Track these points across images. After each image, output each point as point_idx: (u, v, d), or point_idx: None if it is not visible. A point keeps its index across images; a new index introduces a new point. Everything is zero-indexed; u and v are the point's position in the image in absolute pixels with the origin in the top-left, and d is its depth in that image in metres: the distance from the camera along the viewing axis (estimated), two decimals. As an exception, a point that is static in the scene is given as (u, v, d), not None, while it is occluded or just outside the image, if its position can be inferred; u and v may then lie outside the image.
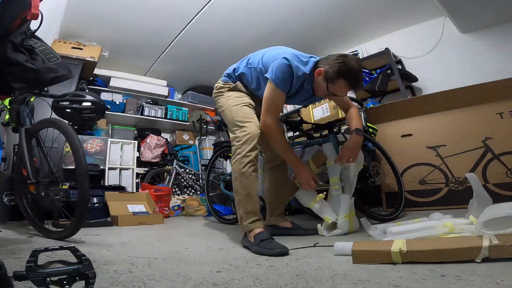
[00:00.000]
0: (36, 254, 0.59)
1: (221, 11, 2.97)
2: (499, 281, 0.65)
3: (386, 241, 0.95)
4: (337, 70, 1.35)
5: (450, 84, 2.45)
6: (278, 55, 1.40)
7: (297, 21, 3.20)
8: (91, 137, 3.34)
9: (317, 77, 1.42)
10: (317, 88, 1.46)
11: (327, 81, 1.39)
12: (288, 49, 1.49)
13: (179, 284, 0.75)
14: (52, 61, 1.40)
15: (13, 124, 1.70)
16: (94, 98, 1.60)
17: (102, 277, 0.79)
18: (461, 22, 2.86)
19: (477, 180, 1.16)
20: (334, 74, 1.36)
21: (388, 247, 0.87)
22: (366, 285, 0.70)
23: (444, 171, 2.19)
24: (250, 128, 1.37)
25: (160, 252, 1.19)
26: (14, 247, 1.21)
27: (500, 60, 2.66)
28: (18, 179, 1.67)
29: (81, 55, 3.17)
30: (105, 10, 2.88)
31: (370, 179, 1.99)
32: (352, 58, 1.42)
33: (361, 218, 1.44)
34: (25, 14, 1.19)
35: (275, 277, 0.79)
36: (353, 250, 0.93)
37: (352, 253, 0.93)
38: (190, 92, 4.49)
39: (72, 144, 1.36)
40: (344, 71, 1.35)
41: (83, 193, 1.32)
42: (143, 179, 3.66)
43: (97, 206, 2.40)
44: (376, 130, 2.41)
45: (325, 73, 1.38)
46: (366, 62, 3.28)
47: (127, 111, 3.88)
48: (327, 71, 1.38)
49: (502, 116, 2.05)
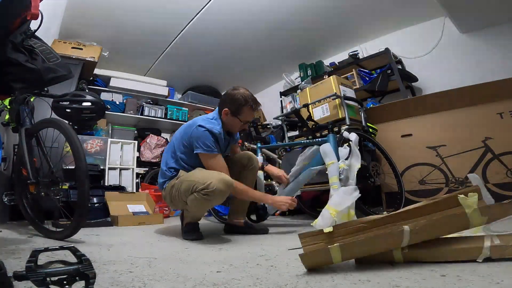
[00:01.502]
0: (36, 254, 0.59)
1: (221, 11, 2.97)
2: (499, 281, 0.65)
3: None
4: (237, 102, 1.59)
5: (450, 84, 2.46)
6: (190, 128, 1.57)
7: (297, 21, 3.20)
8: (91, 137, 3.34)
9: (225, 117, 1.62)
10: (231, 126, 1.66)
11: (235, 115, 1.62)
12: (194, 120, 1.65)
13: (179, 284, 0.75)
14: (52, 61, 1.40)
15: (13, 124, 1.70)
16: (94, 98, 1.60)
17: (102, 277, 0.79)
18: (461, 22, 2.86)
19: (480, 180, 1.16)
20: (236, 106, 1.60)
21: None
22: (366, 285, 0.70)
23: (444, 171, 2.19)
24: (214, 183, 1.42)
25: (160, 252, 1.19)
26: (14, 247, 1.21)
27: (500, 60, 2.66)
28: (18, 179, 1.67)
29: (81, 55, 3.17)
30: (105, 10, 2.88)
31: (370, 179, 1.99)
32: (237, 87, 1.66)
33: None
34: (25, 14, 1.19)
35: (275, 277, 0.79)
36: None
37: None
38: (190, 92, 4.49)
39: (72, 144, 1.36)
40: (240, 100, 1.59)
41: (83, 193, 1.32)
42: (143, 179, 3.66)
43: (97, 206, 2.40)
44: (376, 130, 2.41)
45: (229, 110, 1.61)
46: (366, 62, 3.28)
47: (127, 111, 3.88)
48: (230, 108, 1.61)
49: (502, 116, 2.05)
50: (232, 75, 4.37)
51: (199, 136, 1.52)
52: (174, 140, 1.68)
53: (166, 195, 1.63)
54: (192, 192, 1.43)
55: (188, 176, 1.51)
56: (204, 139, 1.51)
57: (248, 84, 4.57)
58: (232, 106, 1.60)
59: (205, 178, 1.41)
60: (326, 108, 2.45)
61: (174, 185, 1.55)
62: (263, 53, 3.80)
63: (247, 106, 1.61)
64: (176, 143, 1.64)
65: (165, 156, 1.70)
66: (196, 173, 1.51)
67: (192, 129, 1.55)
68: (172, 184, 1.57)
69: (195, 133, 1.53)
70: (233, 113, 1.61)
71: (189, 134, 1.56)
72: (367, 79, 3.17)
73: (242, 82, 4.58)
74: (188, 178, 1.50)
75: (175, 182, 1.55)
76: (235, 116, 1.62)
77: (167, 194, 1.61)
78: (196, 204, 1.44)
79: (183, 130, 1.65)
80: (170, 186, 1.58)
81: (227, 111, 1.61)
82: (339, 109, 2.36)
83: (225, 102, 1.63)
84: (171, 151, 1.65)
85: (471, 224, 0.82)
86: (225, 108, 1.62)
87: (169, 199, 1.61)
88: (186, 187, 1.46)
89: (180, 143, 1.61)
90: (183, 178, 1.52)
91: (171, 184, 1.57)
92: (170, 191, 1.57)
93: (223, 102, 1.65)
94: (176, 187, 1.53)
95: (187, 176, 1.51)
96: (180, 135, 1.64)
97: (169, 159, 1.65)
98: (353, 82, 3.13)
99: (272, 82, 4.50)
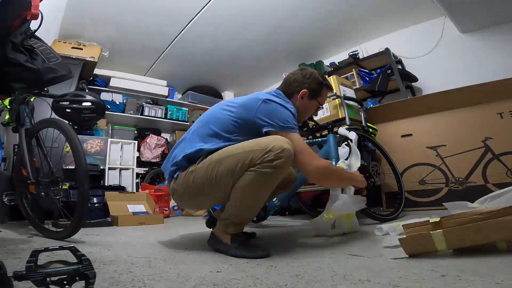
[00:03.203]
0: (36, 254, 0.59)
1: (221, 12, 2.97)
2: (499, 281, 0.65)
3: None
4: (318, 82, 1.34)
5: (450, 84, 2.46)
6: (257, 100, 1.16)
7: (296, 21, 3.20)
8: (91, 137, 3.34)
9: (300, 102, 1.32)
10: (304, 112, 1.37)
11: (314, 97, 1.35)
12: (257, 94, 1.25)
13: (179, 284, 0.75)
14: (52, 61, 1.40)
15: (13, 124, 1.70)
16: (94, 98, 1.60)
17: (102, 277, 0.79)
18: (461, 22, 2.86)
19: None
20: (317, 87, 1.34)
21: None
22: (366, 285, 0.70)
23: (444, 171, 2.20)
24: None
25: (160, 252, 1.19)
26: (14, 247, 1.21)
27: (500, 60, 2.66)
28: (18, 179, 1.67)
29: (81, 55, 3.17)
30: (105, 10, 2.88)
31: (370, 179, 1.99)
32: (308, 67, 1.42)
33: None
34: (25, 14, 1.19)
35: (275, 277, 0.79)
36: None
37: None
38: (190, 92, 4.49)
39: (72, 144, 1.36)
40: (320, 80, 1.35)
41: (83, 193, 1.32)
42: (143, 179, 3.66)
43: (97, 206, 2.40)
44: (376, 130, 2.41)
45: (308, 91, 1.32)
46: (366, 62, 3.29)
47: (127, 111, 3.88)
48: (309, 89, 1.32)
49: (502, 116, 2.05)
50: (232, 75, 4.37)
51: (273, 110, 1.13)
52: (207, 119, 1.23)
53: (177, 188, 1.17)
54: (247, 169, 1.02)
55: (231, 151, 1.06)
56: (281, 114, 1.14)
57: (248, 84, 4.63)
58: (311, 87, 1.32)
59: (263, 144, 1.02)
60: (326, 108, 2.45)
61: (195, 170, 1.10)
62: (263, 53, 3.80)
63: (326, 85, 1.37)
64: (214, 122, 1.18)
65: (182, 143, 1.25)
66: (242, 144, 1.08)
67: (258, 102, 1.14)
68: (192, 169, 1.12)
69: (264, 107, 1.14)
70: (311, 95, 1.33)
71: (253, 108, 1.14)
72: (367, 79, 3.17)
73: (242, 82, 4.61)
74: (231, 152, 1.06)
75: (197, 167, 1.10)
76: (313, 98, 1.34)
77: (180, 186, 1.15)
78: (257, 186, 1.03)
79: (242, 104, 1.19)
80: (187, 173, 1.13)
81: (305, 92, 1.31)
82: (339, 109, 2.36)
83: (303, 82, 1.32)
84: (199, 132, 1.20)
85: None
86: (303, 89, 1.31)
87: (183, 193, 1.16)
88: (230, 165, 1.03)
89: (227, 121, 1.16)
90: (218, 156, 1.07)
91: (190, 170, 1.12)
92: (186, 180, 1.12)
93: (299, 83, 1.32)
94: (202, 172, 1.08)
95: (228, 152, 1.07)
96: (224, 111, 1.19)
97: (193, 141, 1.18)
98: (353, 82, 3.13)
99: (272, 82, 4.51)
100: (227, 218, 1.14)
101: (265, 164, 1.00)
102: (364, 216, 1.76)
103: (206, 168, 1.08)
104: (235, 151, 1.05)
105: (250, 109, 1.15)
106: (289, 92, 1.32)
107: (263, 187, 1.07)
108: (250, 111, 1.14)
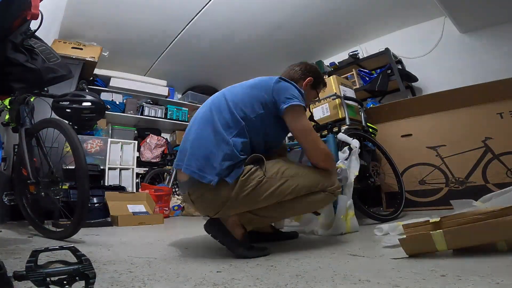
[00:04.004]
0: (36, 254, 0.59)
1: (221, 11, 2.97)
2: (499, 281, 0.65)
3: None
4: (319, 75, 1.42)
5: (450, 84, 2.46)
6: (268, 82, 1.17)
7: (296, 21, 3.20)
8: (91, 137, 3.34)
9: (305, 88, 1.37)
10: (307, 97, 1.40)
11: (315, 87, 1.43)
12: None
13: (179, 284, 0.75)
14: (52, 61, 1.40)
15: (13, 124, 1.70)
16: (94, 98, 1.60)
17: (102, 277, 0.79)
18: (461, 22, 2.86)
19: None
20: (318, 79, 1.42)
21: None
22: (366, 285, 0.70)
23: (444, 171, 2.20)
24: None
25: (160, 252, 1.19)
26: (14, 247, 1.21)
27: (500, 60, 2.66)
28: (18, 179, 1.67)
29: (81, 55, 3.17)
30: (105, 10, 2.88)
31: (370, 179, 1.99)
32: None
33: None
34: (25, 14, 1.19)
35: (275, 277, 0.79)
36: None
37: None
38: (190, 92, 4.49)
39: (72, 144, 1.36)
40: (320, 74, 1.44)
41: (83, 193, 1.32)
42: (143, 179, 3.66)
43: (97, 206, 2.40)
44: (376, 130, 2.41)
45: (313, 80, 1.39)
46: (366, 62, 3.29)
47: (127, 111, 3.88)
48: (313, 78, 1.39)
49: (502, 116, 2.05)
50: (232, 75, 4.35)
51: (288, 87, 1.15)
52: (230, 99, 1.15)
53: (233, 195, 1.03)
54: (316, 192, 1.13)
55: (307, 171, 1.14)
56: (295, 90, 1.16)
57: (248, 84, 4.62)
58: (315, 77, 1.40)
59: (328, 175, 1.17)
60: (326, 108, 2.45)
61: (263, 180, 1.04)
62: (263, 53, 3.80)
63: (323, 81, 1.47)
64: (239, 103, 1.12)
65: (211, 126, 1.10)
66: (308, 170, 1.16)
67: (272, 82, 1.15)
68: (258, 178, 1.04)
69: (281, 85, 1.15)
70: (313, 85, 1.41)
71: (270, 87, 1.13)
72: (367, 79, 3.17)
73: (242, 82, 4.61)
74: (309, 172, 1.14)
75: (267, 177, 1.05)
76: (314, 89, 1.42)
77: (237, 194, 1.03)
78: (318, 205, 1.20)
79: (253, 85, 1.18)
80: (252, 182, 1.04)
81: (310, 80, 1.38)
82: (339, 109, 2.36)
83: (309, 71, 1.40)
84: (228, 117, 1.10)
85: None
86: (309, 77, 1.38)
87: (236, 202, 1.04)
88: (310, 185, 1.10)
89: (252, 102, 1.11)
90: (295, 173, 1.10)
91: (255, 179, 1.04)
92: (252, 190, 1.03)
93: (306, 70, 1.40)
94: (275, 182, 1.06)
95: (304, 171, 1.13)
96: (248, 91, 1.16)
97: (226, 129, 1.08)
98: (353, 82, 3.13)
99: (272, 82, 4.51)
100: (259, 215, 1.11)
101: (332, 194, 1.18)
102: (364, 216, 1.77)
103: (278, 179, 1.07)
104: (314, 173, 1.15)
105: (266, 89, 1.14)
106: (295, 78, 1.36)
107: (320, 206, 1.26)
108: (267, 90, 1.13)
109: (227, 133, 1.07)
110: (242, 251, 1.05)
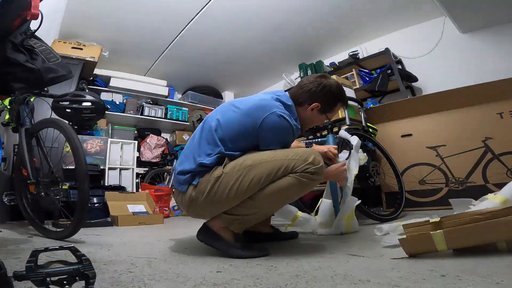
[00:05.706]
0: (36, 254, 0.59)
1: (221, 11, 2.97)
2: (499, 281, 0.65)
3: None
4: (334, 97, 1.27)
5: (450, 84, 2.46)
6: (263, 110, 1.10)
7: (296, 21, 3.20)
8: (91, 137, 3.34)
9: (309, 113, 1.25)
10: (309, 122, 1.31)
11: (324, 112, 1.27)
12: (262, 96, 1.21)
13: (179, 284, 0.75)
14: (52, 61, 1.40)
15: (13, 124, 1.70)
16: (94, 98, 1.60)
17: (102, 277, 0.79)
18: (461, 22, 2.86)
19: None
20: (331, 102, 1.27)
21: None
22: (366, 285, 0.70)
23: (444, 171, 2.20)
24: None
25: (160, 252, 1.19)
26: (14, 247, 1.21)
27: (500, 60, 2.66)
28: (18, 179, 1.67)
29: (81, 55, 3.17)
30: (105, 10, 2.88)
31: (370, 179, 1.99)
32: (328, 76, 1.32)
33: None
34: (25, 14, 1.19)
35: (275, 277, 0.79)
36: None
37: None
38: (190, 92, 4.49)
39: (72, 144, 1.36)
40: (336, 95, 1.27)
41: (83, 193, 1.32)
42: (143, 179, 3.66)
43: (97, 206, 2.40)
44: (376, 130, 2.41)
45: (320, 106, 1.24)
46: (366, 62, 3.28)
47: (127, 111, 3.88)
48: (322, 103, 1.24)
49: (502, 116, 2.05)
50: (232, 75, 4.37)
51: (274, 129, 1.09)
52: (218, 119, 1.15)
53: (196, 196, 1.09)
54: (286, 174, 1.03)
55: (268, 156, 1.05)
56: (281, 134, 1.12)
57: (248, 84, 4.63)
58: (325, 102, 1.25)
59: (302, 153, 1.05)
60: (326, 108, 2.45)
61: (222, 176, 1.05)
62: (263, 53, 3.80)
63: (341, 102, 1.30)
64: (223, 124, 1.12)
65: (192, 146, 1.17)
66: (277, 152, 1.08)
67: (266, 113, 1.08)
68: (216, 175, 1.06)
69: (268, 126, 1.08)
70: (323, 110, 1.26)
71: (257, 124, 1.08)
72: (367, 79, 3.17)
73: (242, 82, 4.61)
74: (269, 157, 1.05)
75: (225, 172, 1.05)
76: (324, 113, 1.27)
77: (200, 193, 1.07)
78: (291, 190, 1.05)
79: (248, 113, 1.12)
80: (210, 180, 1.06)
81: (317, 105, 1.24)
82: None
83: (317, 95, 1.23)
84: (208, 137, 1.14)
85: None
86: (315, 102, 1.23)
87: (203, 202, 1.08)
88: (269, 171, 1.02)
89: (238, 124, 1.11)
90: (252, 161, 1.05)
91: (214, 176, 1.06)
92: (212, 187, 1.05)
93: (316, 93, 1.24)
94: (232, 178, 1.04)
95: (262, 157, 1.06)
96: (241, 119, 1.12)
97: (203, 145, 1.13)
98: (353, 82, 3.13)
99: (272, 82, 4.51)
100: (236, 215, 1.08)
101: (304, 174, 1.03)
102: (364, 216, 1.77)
103: (235, 173, 1.04)
104: (274, 157, 1.05)
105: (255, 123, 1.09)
106: (300, 101, 1.25)
107: (295, 193, 1.09)
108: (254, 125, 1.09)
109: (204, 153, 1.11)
110: (236, 252, 1.05)
